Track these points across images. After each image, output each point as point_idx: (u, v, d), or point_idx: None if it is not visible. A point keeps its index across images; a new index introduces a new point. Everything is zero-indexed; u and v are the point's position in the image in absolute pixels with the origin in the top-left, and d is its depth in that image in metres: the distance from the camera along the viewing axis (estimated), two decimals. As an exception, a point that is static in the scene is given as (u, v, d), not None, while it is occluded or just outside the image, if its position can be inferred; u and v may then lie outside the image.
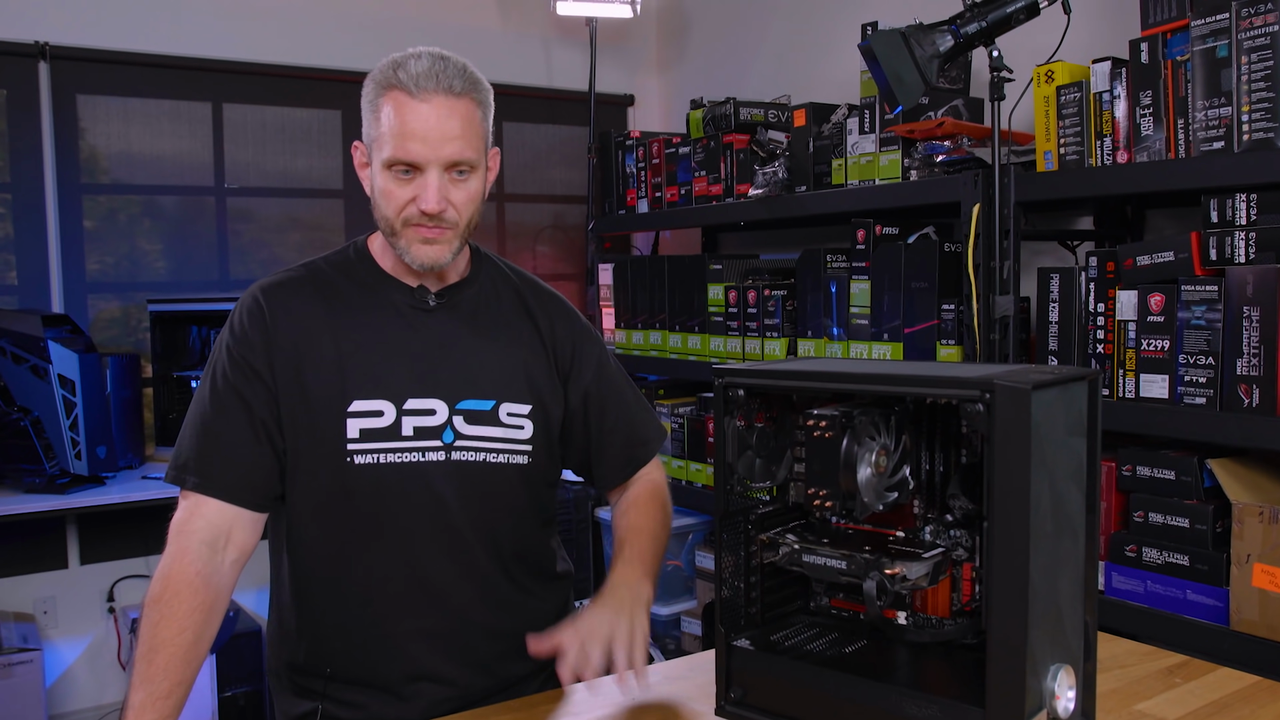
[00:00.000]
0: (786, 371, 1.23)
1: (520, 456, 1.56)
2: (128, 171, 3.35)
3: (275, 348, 1.49)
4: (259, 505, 1.47)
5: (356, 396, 1.48)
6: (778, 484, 1.34)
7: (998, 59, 2.16)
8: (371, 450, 1.48)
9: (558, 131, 4.06)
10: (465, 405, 1.53)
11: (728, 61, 3.87)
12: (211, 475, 1.44)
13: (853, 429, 1.19)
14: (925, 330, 2.46)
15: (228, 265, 3.50)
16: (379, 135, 1.44)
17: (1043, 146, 2.23)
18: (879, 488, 1.22)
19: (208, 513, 1.43)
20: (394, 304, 1.55)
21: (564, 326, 1.65)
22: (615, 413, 1.67)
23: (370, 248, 1.60)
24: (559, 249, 4.11)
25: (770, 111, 3.11)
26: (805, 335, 2.76)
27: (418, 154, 1.42)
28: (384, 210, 1.47)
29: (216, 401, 1.48)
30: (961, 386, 1.09)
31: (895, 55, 2.16)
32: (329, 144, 3.61)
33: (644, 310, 3.33)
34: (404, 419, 1.49)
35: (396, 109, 1.42)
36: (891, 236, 2.59)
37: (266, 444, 1.47)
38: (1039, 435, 1.07)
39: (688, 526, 3.28)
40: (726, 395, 1.27)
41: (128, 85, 3.31)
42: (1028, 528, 1.05)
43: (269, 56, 3.49)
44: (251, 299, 1.53)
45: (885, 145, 2.58)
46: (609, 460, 1.67)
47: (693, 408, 3.24)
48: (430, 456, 1.50)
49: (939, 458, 1.28)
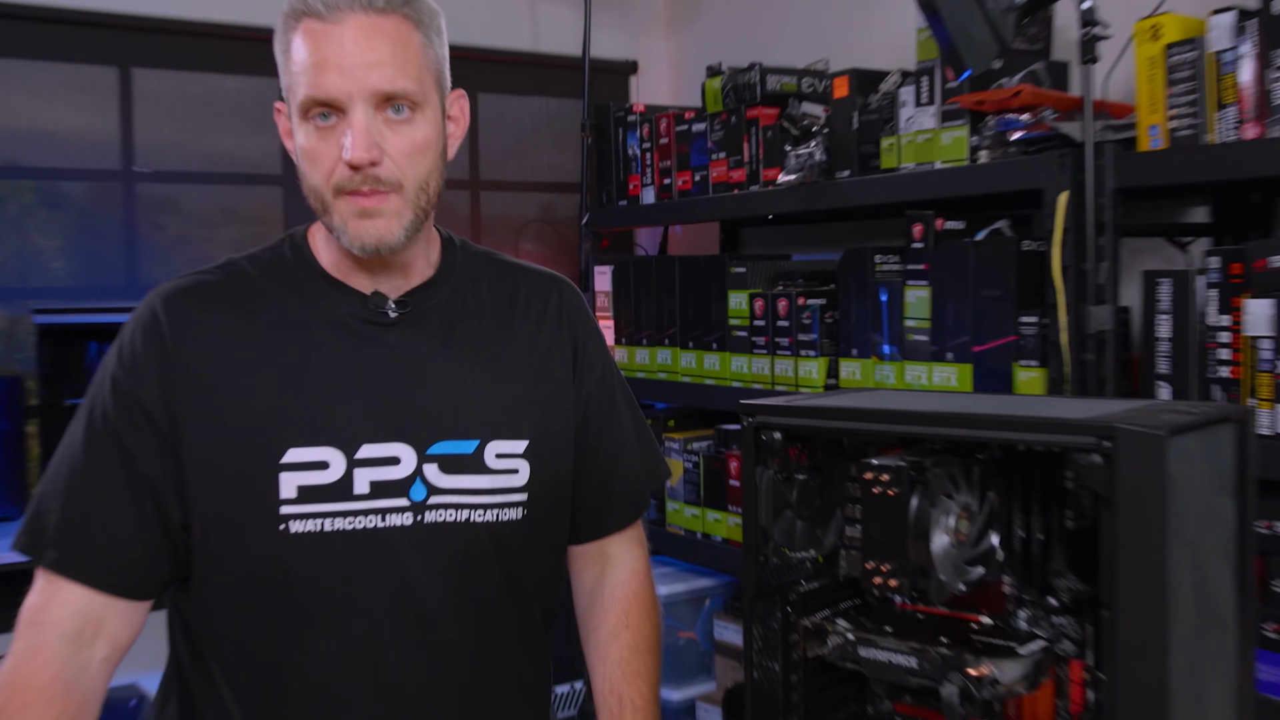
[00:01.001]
0: (836, 409, 1.15)
1: (513, 510, 1.48)
2: (11, 151, 3.29)
3: (175, 378, 1.40)
4: (138, 593, 1.39)
5: (292, 443, 1.39)
6: (824, 553, 1.31)
7: (1089, 11, 2.11)
8: (313, 514, 1.39)
9: (545, 105, 4.04)
10: (440, 449, 1.44)
11: (752, 19, 3.84)
12: (76, 552, 1.36)
13: (924, 485, 1.14)
14: (1000, 348, 2.41)
15: (138, 267, 3.44)
16: (291, 79, 1.37)
17: (1147, 120, 2.18)
18: (959, 561, 1.18)
19: (70, 599, 1.35)
20: (342, 317, 1.46)
21: (571, 314, 1.59)
22: (611, 443, 1.60)
23: (311, 242, 1.51)
24: (547, 247, 4.08)
25: (804, 80, 3.09)
26: (849, 355, 2.72)
27: (333, 87, 1.34)
28: (309, 178, 1.39)
29: (91, 451, 1.39)
30: (1071, 431, 1.01)
31: (963, 8, 2.13)
32: (264, 119, 3.49)
33: (650, 323, 3.31)
34: (357, 471, 1.41)
35: (306, 38, 1.35)
36: (956, 232, 2.56)
37: (153, 515, 1.39)
38: (1177, 495, 1.01)
39: (704, 589, 3.25)
40: (758, 439, 1.19)
41: (12, 44, 3.25)
42: (1165, 618, 0.99)
43: (189, 11, 3.43)
44: (147, 310, 1.44)
45: (948, 120, 2.54)
46: (589, 504, 1.60)
47: (710, 443, 3.22)
48: (393, 520, 1.42)
49: (1036, 522, 1.21)
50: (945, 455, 1.16)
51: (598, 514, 1.60)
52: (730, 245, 3.70)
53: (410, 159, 1.38)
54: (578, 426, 1.57)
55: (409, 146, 1.38)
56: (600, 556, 1.62)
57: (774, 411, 1.18)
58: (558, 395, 1.54)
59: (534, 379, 1.53)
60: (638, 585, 1.61)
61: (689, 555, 3.17)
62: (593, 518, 1.61)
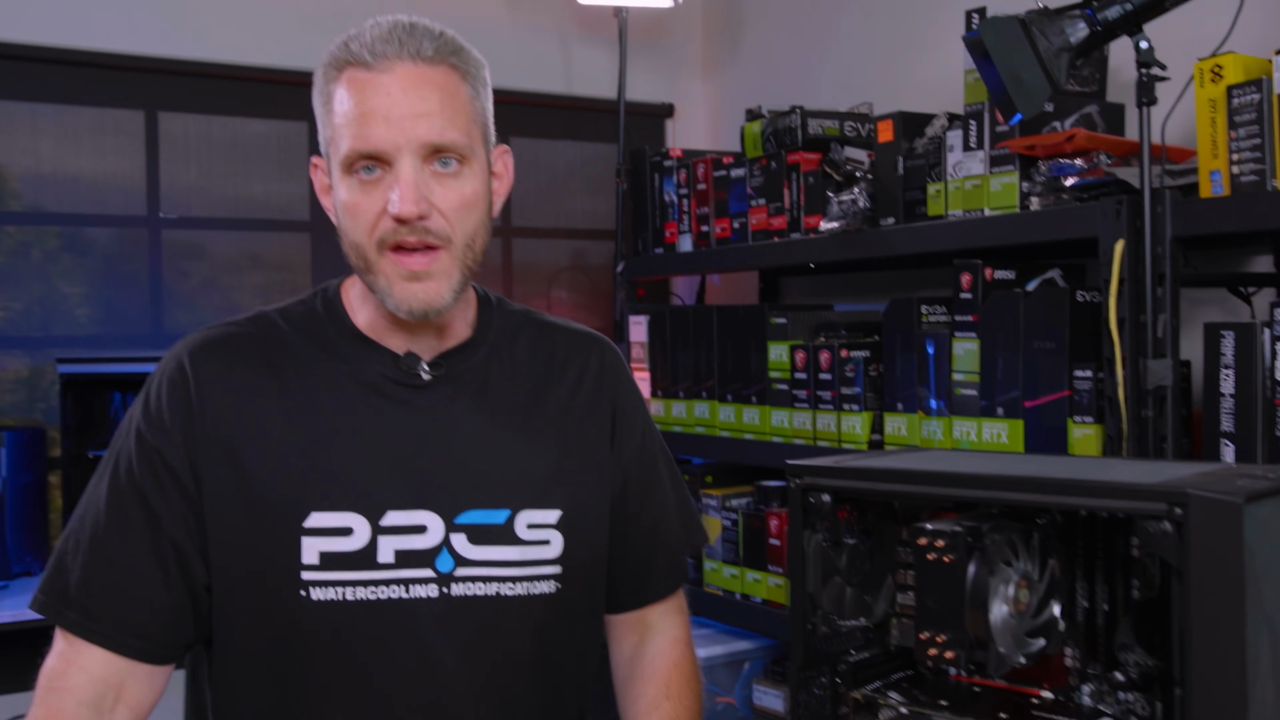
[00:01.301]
0: (889, 471, 1.12)
1: (545, 583, 1.45)
2: (37, 196, 3.32)
3: (200, 434, 1.39)
4: (161, 657, 1.38)
5: (316, 507, 1.38)
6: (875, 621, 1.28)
7: (1147, 51, 2.08)
8: (335, 582, 1.37)
9: (579, 150, 4.04)
10: (468, 518, 1.42)
11: (791, 61, 3.83)
12: (98, 614, 1.35)
13: (982, 551, 1.10)
14: (1053, 404, 2.37)
15: (164, 314, 3.45)
16: (334, 130, 1.35)
17: (1208, 165, 2.14)
18: (1019, 632, 1.15)
19: (90, 664, 1.34)
20: (372, 378, 1.44)
21: (612, 377, 1.56)
22: (652, 511, 1.57)
23: (344, 297, 1.49)
24: (580, 296, 4.07)
25: (847, 123, 3.07)
26: (894, 409, 2.69)
27: (380, 138, 1.32)
28: (351, 233, 1.37)
29: (115, 509, 1.38)
30: (1140, 497, 0.98)
31: (1013, 49, 2.11)
32: (293, 164, 3.58)
33: (687, 375, 3.29)
34: (381, 539, 1.39)
35: (350, 89, 1.34)
36: (1006, 282, 2.53)
37: (178, 577, 1.37)
38: (1254, 566, 0.98)
39: (743, 653, 3.21)
40: (806, 501, 1.16)
41: (39, 88, 3.29)
42: (1244, 697, 0.96)
43: (217, 54, 3.46)
44: (174, 363, 1.43)
45: (997, 165, 2.52)
46: (628, 574, 1.57)
47: (749, 500, 3.18)
48: (418, 592, 1.39)
49: (1101, 591, 1.17)
50: (1003, 520, 1.13)
51: (637, 583, 1.57)
52: (769, 295, 3.67)
53: (459, 213, 1.36)
54: (615, 495, 1.54)
55: (458, 200, 1.36)
56: (640, 624, 1.59)
57: (823, 473, 1.16)
58: (594, 463, 1.51)
59: (569, 446, 1.50)
60: (679, 654, 1.57)
61: (727, 617, 3.13)
62: (632, 587, 1.57)
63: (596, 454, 1.52)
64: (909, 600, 1.23)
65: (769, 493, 3.11)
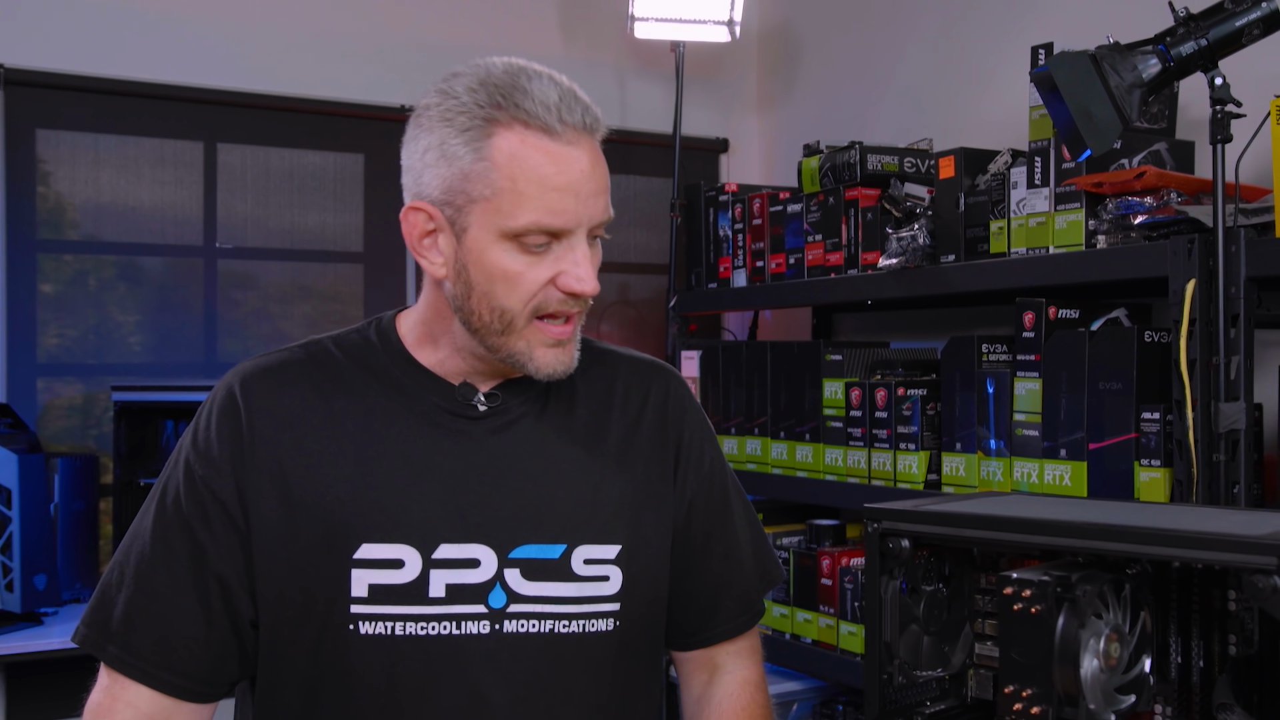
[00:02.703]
0: (974, 516, 1.07)
1: (603, 621, 1.40)
2: (95, 225, 3.34)
3: (250, 464, 1.36)
4: (203, 695, 1.35)
5: (366, 539, 1.34)
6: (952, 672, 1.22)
7: (1222, 88, 2.06)
8: (385, 616, 1.33)
9: (633, 183, 4.03)
10: (523, 553, 1.38)
11: (849, 96, 3.83)
12: (140, 650, 1.32)
13: (1072, 602, 1.04)
14: (1119, 446, 2.33)
15: (216, 343, 3.46)
16: (497, 190, 1.29)
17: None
18: (1109, 688, 1.09)
19: (135, 700, 1.32)
20: (426, 408, 1.40)
21: (677, 408, 1.52)
22: (720, 547, 1.52)
23: (399, 328, 1.46)
24: (630, 331, 4.05)
25: (907, 160, 3.05)
26: (952, 449, 2.66)
27: (572, 217, 1.30)
28: (501, 299, 1.32)
29: (160, 541, 1.35)
30: (1246, 550, 0.92)
31: (1083, 84, 2.10)
32: (347, 195, 3.59)
33: (739, 411, 3.26)
34: (433, 573, 1.35)
35: (534, 153, 1.29)
36: (1070, 321, 2.50)
37: (221, 613, 1.34)
38: None
39: (791, 694, 3.16)
40: (885, 546, 1.11)
41: (100, 119, 3.30)
42: None
43: (274, 86, 3.48)
44: (225, 391, 1.41)
45: (1063, 202, 2.49)
46: (695, 611, 1.52)
47: (801, 538, 3.16)
48: (469, 628, 1.35)
49: (1196, 646, 1.11)
50: (1092, 570, 1.07)
51: (705, 622, 1.52)
52: (823, 331, 3.65)
53: (598, 283, 1.36)
54: (679, 529, 1.49)
55: (597, 271, 1.36)
56: (709, 664, 1.53)
57: (903, 517, 1.10)
58: (655, 496, 1.46)
59: (630, 479, 1.45)
60: (748, 697, 1.51)
61: (777, 657, 3.08)
62: (699, 625, 1.52)
63: (659, 487, 1.47)
64: (988, 651, 1.18)
65: (821, 531, 3.08)
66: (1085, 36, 2.33)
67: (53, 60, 3.22)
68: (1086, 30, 2.53)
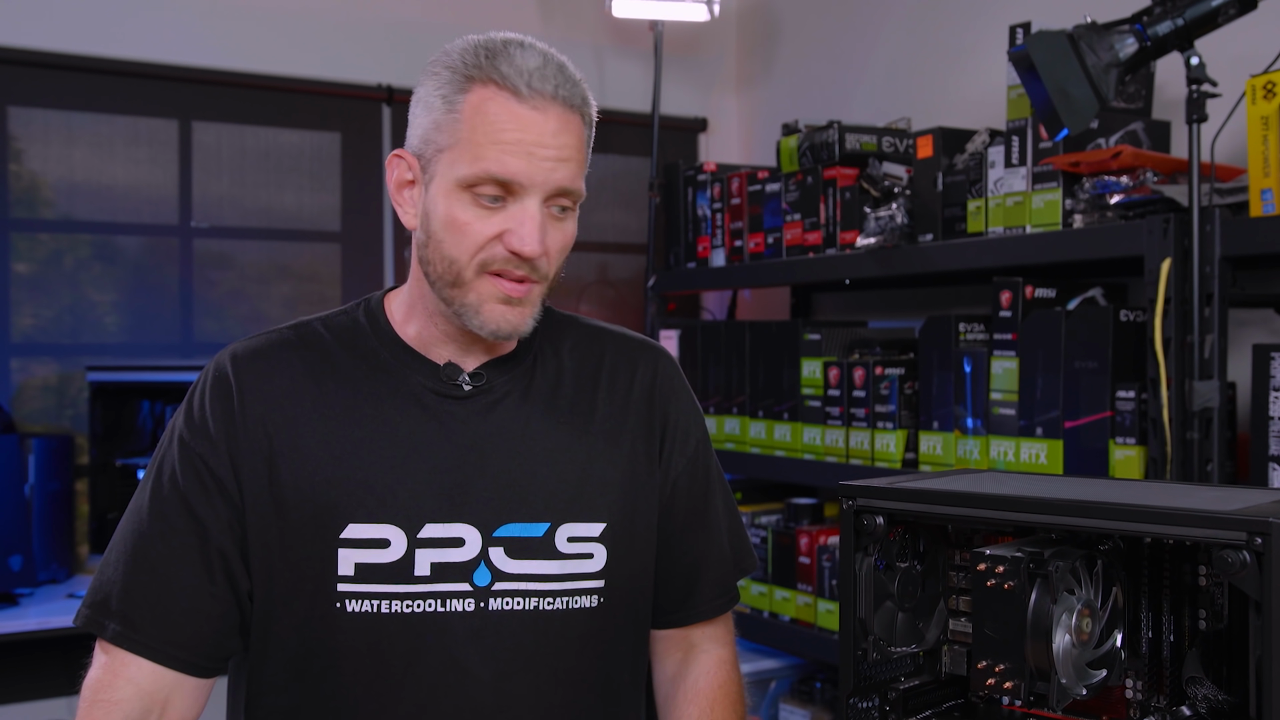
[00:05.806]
0: (949, 493, 1.08)
1: (587, 597, 1.42)
2: (70, 204, 3.32)
3: (242, 442, 1.37)
4: (206, 670, 1.36)
5: (353, 518, 1.36)
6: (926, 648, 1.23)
7: (1199, 67, 2.07)
8: (370, 594, 1.35)
9: (610, 163, 4.02)
10: (507, 531, 1.39)
11: (827, 76, 3.83)
12: (142, 625, 1.33)
13: (1045, 578, 1.05)
14: (1094, 424, 2.35)
15: (193, 324, 3.45)
16: (458, 140, 1.33)
17: (1259, 183, 2.09)
18: (1081, 663, 1.10)
19: (136, 676, 1.32)
20: (412, 388, 1.42)
21: (665, 387, 1.53)
22: (700, 528, 1.54)
23: (387, 308, 1.47)
24: (609, 310, 4.05)
25: (885, 139, 3.04)
26: (929, 428, 2.68)
27: (520, 172, 1.32)
28: (449, 248, 1.34)
29: (159, 517, 1.36)
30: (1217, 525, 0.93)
31: (1061, 64, 2.11)
32: (325, 174, 3.58)
33: (718, 391, 3.27)
34: (418, 552, 1.36)
35: (499, 111, 1.32)
36: (1047, 300, 2.52)
37: (224, 586, 1.36)
38: None
39: (769, 671, 3.19)
40: (859, 523, 1.11)
41: (73, 96, 3.29)
42: None
43: (250, 64, 3.46)
44: (218, 371, 1.42)
45: (1040, 182, 2.49)
46: (673, 590, 1.53)
47: (778, 517, 3.17)
48: (454, 605, 1.36)
49: (1167, 621, 1.12)
50: (1064, 546, 1.08)
51: (682, 601, 1.53)
52: (802, 310, 3.67)
53: (560, 255, 1.39)
54: (663, 508, 1.50)
55: (562, 243, 1.39)
56: (683, 643, 1.55)
57: (878, 494, 1.11)
58: (640, 475, 1.47)
59: (614, 457, 1.46)
60: (723, 676, 1.53)
61: (755, 635, 3.10)
62: (677, 604, 1.53)
63: (643, 465, 1.48)
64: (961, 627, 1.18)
65: (799, 510, 3.10)
66: (1063, 15, 2.35)
67: (25, 37, 3.20)
68: (1064, 9, 2.54)
